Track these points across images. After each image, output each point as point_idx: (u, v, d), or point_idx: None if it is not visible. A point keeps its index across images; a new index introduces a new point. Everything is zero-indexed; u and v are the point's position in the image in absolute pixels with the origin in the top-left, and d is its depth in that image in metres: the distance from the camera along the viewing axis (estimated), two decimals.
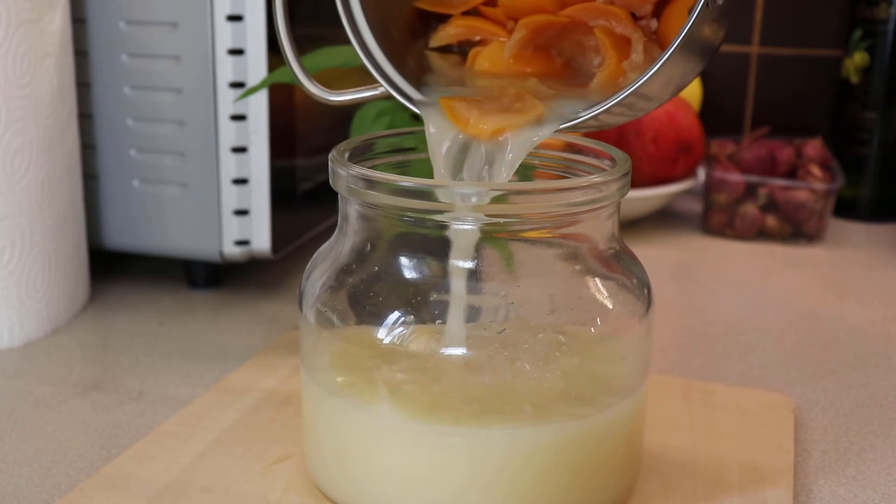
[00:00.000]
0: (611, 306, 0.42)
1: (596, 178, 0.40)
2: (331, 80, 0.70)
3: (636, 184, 0.87)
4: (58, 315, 0.63)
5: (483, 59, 0.44)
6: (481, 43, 0.45)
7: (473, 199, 0.38)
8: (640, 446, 0.45)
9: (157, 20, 0.64)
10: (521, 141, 0.40)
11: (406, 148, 0.47)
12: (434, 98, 0.43)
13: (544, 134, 0.41)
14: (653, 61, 0.41)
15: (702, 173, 0.91)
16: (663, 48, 0.41)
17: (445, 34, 0.45)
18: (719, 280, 0.77)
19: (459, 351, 0.39)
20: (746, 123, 1.07)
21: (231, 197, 0.65)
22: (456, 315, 0.40)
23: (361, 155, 0.45)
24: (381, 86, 0.44)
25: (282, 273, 0.75)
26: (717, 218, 0.87)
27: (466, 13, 0.45)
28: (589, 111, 0.40)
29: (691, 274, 0.79)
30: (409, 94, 0.44)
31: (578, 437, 0.40)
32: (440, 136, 0.42)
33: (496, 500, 0.40)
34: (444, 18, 0.46)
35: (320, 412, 0.43)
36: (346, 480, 0.42)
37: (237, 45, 0.63)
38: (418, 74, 0.45)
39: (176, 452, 0.47)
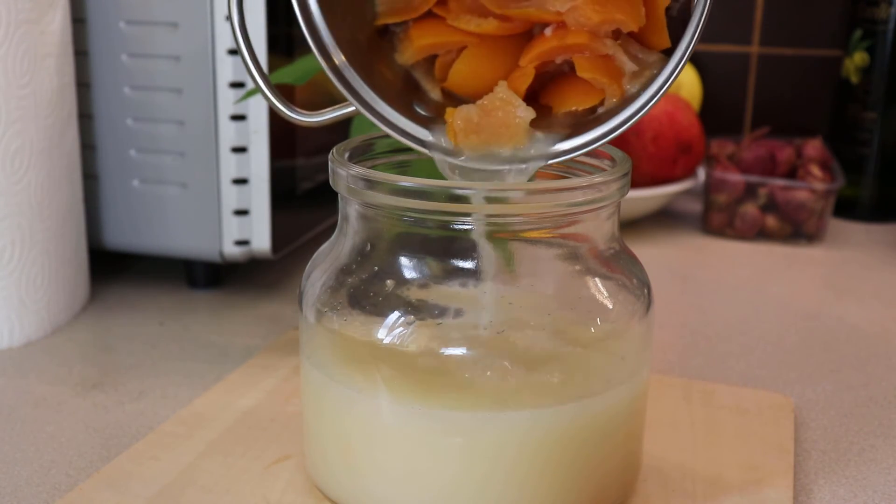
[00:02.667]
0: (611, 306, 0.42)
1: (596, 178, 0.40)
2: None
3: (636, 184, 0.87)
4: (58, 315, 0.63)
5: (455, 77, 0.43)
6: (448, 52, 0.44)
7: (484, 198, 0.38)
8: (640, 443, 0.45)
9: (157, 20, 0.64)
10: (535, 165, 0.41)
11: (406, 148, 0.47)
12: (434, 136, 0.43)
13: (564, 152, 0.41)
14: (638, 62, 0.41)
15: (702, 173, 0.91)
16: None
17: (407, 58, 0.44)
18: (719, 280, 0.77)
19: (459, 351, 0.39)
20: (746, 123, 1.07)
21: (231, 197, 0.65)
22: (456, 315, 0.40)
23: (361, 155, 0.45)
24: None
25: (282, 273, 0.75)
26: (717, 218, 0.87)
27: (422, 17, 0.44)
28: (608, 133, 0.40)
29: (691, 274, 0.79)
30: (414, 135, 0.43)
31: (575, 424, 0.40)
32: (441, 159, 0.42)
33: (494, 491, 0.40)
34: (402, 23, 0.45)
35: (321, 401, 0.43)
36: (345, 475, 0.42)
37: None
38: (402, 89, 0.44)
39: (176, 452, 0.47)
